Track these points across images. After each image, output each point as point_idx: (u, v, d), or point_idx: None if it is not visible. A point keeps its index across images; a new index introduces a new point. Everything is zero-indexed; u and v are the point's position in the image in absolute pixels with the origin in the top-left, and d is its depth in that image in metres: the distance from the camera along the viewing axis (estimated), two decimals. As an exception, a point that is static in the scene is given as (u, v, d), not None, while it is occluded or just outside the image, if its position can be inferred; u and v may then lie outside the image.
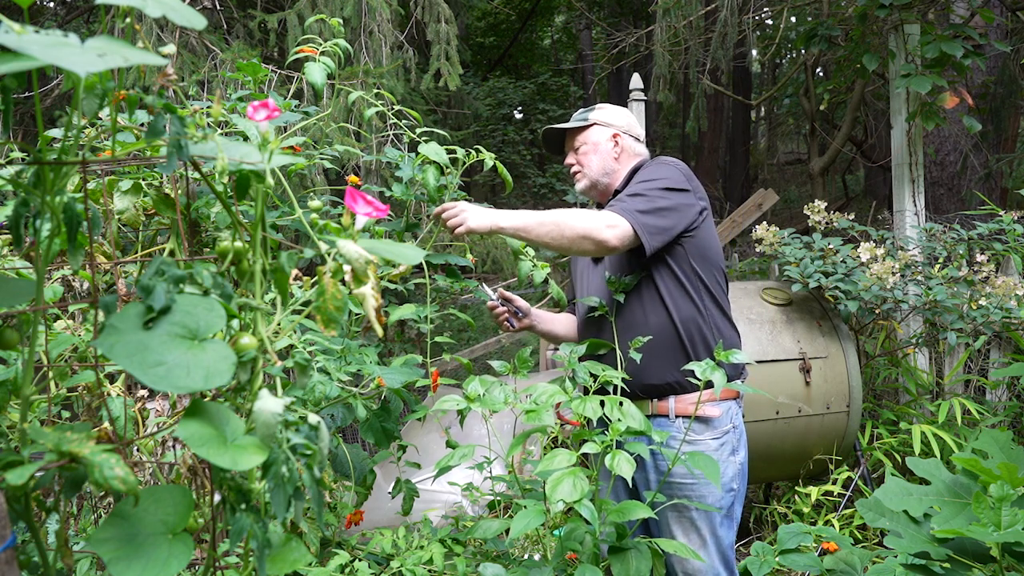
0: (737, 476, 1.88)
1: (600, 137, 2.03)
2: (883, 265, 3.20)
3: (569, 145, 2.08)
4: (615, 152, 2.03)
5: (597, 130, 2.04)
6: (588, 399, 1.52)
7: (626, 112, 2.09)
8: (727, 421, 1.86)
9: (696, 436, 1.83)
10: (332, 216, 1.87)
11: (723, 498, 1.84)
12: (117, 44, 0.57)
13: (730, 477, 1.86)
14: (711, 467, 1.58)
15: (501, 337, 5.55)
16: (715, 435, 1.84)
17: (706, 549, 1.83)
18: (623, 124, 2.06)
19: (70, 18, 7.20)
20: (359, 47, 4.78)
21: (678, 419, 1.84)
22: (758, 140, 15.50)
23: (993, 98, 5.69)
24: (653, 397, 1.86)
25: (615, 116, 2.06)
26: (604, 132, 2.03)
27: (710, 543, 1.83)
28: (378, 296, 0.77)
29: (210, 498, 0.92)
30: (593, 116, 2.06)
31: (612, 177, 2.02)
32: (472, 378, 1.65)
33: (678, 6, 6.55)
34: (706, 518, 1.82)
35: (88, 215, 0.76)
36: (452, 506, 3.28)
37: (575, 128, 2.06)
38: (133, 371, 0.64)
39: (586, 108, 2.11)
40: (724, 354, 1.58)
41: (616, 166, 2.03)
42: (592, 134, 2.03)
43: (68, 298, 1.38)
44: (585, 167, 2.02)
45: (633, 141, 2.06)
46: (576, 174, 2.06)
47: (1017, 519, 1.71)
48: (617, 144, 2.03)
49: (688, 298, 1.85)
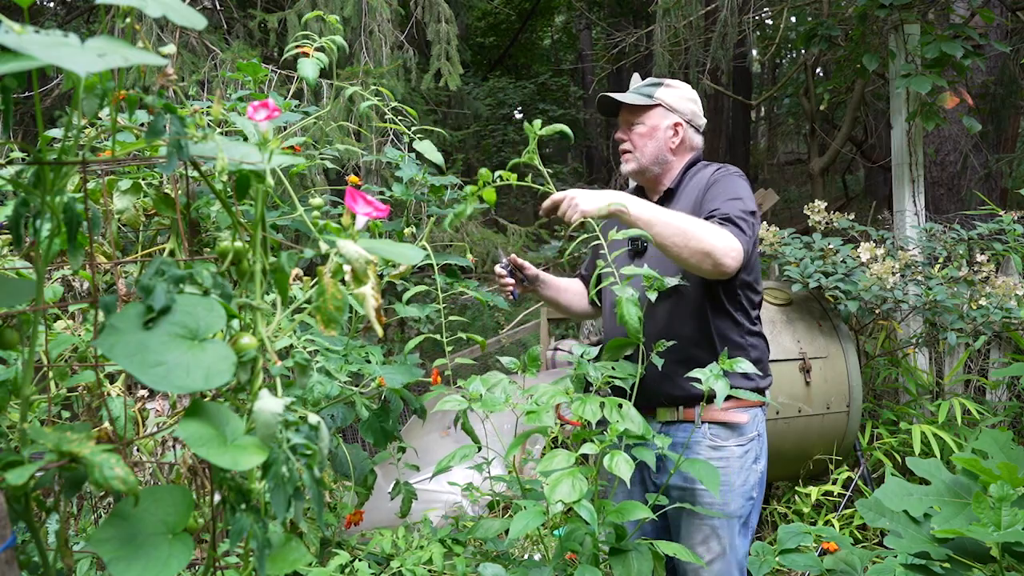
0: (757, 484, 1.83)
1: (661, 122, 1.85)
2: (883, 265, 3.20)
3: (624, 118, 1.87)
4: (673, 142, 1.86)
5: (660, 113, 1.85)
6: (588, 400, 1.50)
7: (694, 96, 1.91)
8: (753, 428, 1.81)
9: (722, 442, 1.78)
10: (332, 216, 1.87)
11: (743, 506, 1.79)
12: (117, 44, 0.57)
13: (751, 485, 1.81)
14: (711, 475, 1.55)
15: (501, 337, 5.55)
16: (740, 442, 1.79)
17: (724, 558, 1.78)
18: (688, 112, 1.88)
19: (70, 18, 7.19)
20: (359, 47, 4.78)
21: (704, 424, 1.78)
22: (758, 140, 15.50)
23: (993, 98, 5.69)
24: (680, 405, 1.80)
25: (682, 101, 1.87)
26: (667, 118, 1.85)
27: (728, 552, 1.78)
28: (378, 296, 0.77)
29: (210, 498, 0.92)
30: (659, 95, 1.85)
31: (664, 168, 1.87)
32: (473, 377, 1.64)
33: (678, 6, 6.54)
34: (727, 526, 1.77)
35: (88, 215, 0.76)
36: (452, 506, 3.28)
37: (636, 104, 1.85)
38: (133, 371, 0.64)
39: (653, 81, 1.89)
40: (728, 363, 1.56)
41: (671, 158, 1.87)
42: (653, 116, 1.84)
43: (68, 298, 1.38)
44: (638, 150, 1.84)
45: (694, 133, 1.90)
46: (625, 154, 1.87)
47: (1017, 519, 1.71)
48: (677, 134, 1.86)
49: (726, 311, 1.78)
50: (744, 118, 12.35)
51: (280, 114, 1.05)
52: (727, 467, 1.77)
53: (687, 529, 1.81)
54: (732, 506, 1.78)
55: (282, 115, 1.58)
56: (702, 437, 1.78)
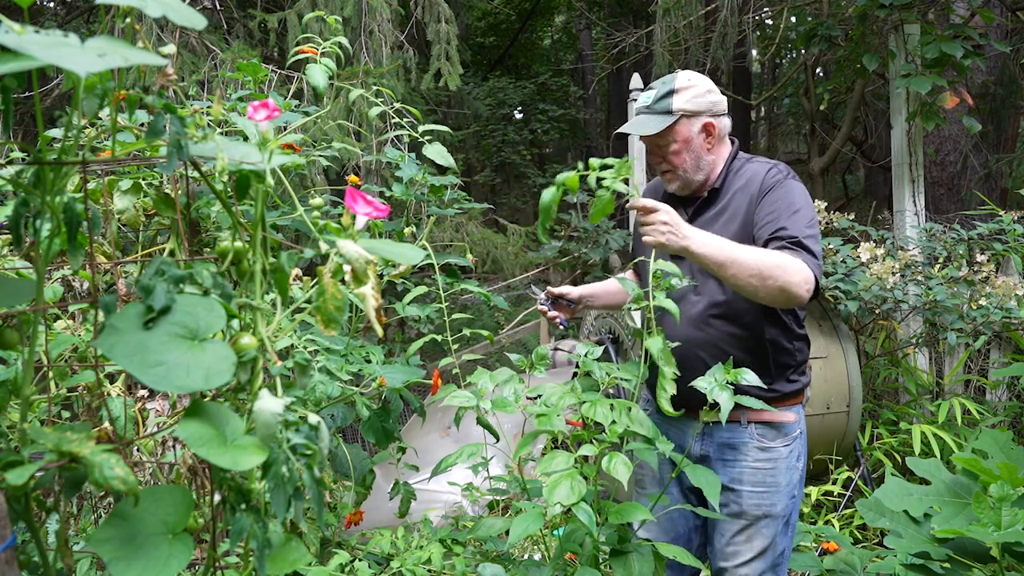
0: (799, 482, 1.81)
1: (690, 131, 1.75)
2: (883, 265, 3.20)
3: (652, 142, 1.79)
4: (708, 143, 1.78)
5: (684, 124, 1.75)
6: (597, 402, 1.49)
7: (708, 85, 1.79)
8: (797, 427, 1.80)
9: (769, 443, 1.76)
10: (332, 216, 1.87)
11: (787, 506, 1.78)
12: (117, 44, 0.57)
13: (795, 484, 1.79)
14: (712, 483, 1.54)
15: (501, 337, 5.55)
16: (786, 442, 1.77)
17: (763, 557, 1.77)
18: (710, 106, 1.77)
19: (70, 18, 7.19)
20: (359, 47, 4.78)
21: (750, 424, 1.76)
22: (758, 140, 15.50)
23: (993, 98, 5.69)
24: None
25: (699, 99, 1.76)
26: (693, 124, 1.76)
27: (768, 551, 1.77)
28: (378, 296, 0.77)
29: (210, 498, 0.92)
30: (676, 105, 1.74)
31: (708, 170, 1.80)
32: (481, 371, 1.62)
33: (678, 6, 6.55)
34: (772, 525, 1.76)
35: (88, 215, 0.76)
36: (452, 506, 3.28)
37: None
38: (133, 371, 0.64)
39: (663, 91, 1.77)
40: (733, 373, 1.55)
41: (711, 157, 1.80)
42: (680, 131, 1.75)
43: (68, 298, 1.38)
44: (678, 167, 1.77)
45: (723, 121, 1.80)
46: (667, 174, 1.81)
47: (1017, 519, 1.71)
48: (711, 134, 1.77)
49: (776, 316, 1.76)
50: (744, 118, 12.34)
51: (280, 114, 1.05)
52: (775, 468, 1.76)
53: (730, 527, 1.78)
54: (778, 507, 1.76)
55: (282, 115, 1.58)
56: (749, 439, 1.76)
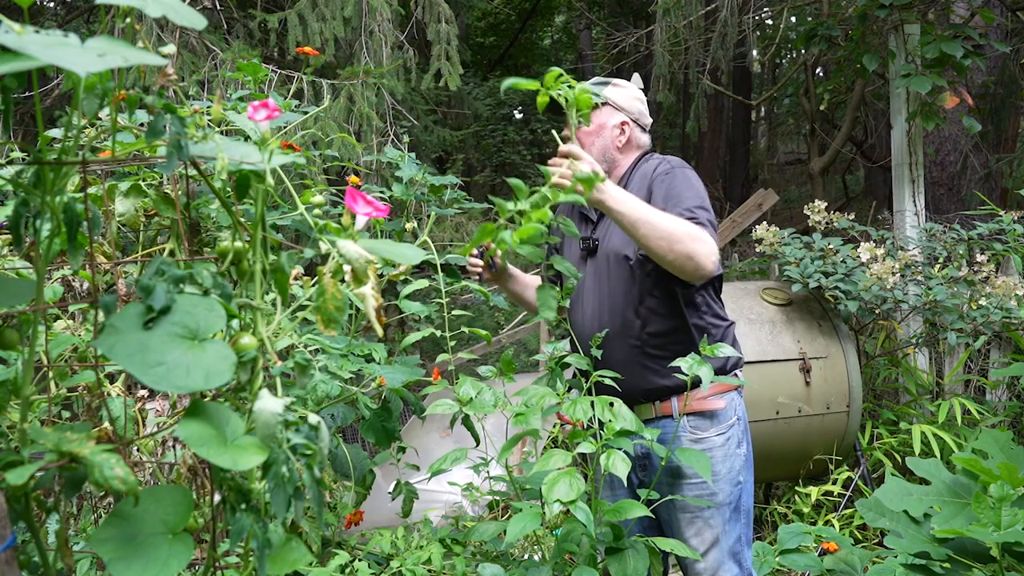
0: (744, 468, 1.85)
1: (608, 120, 1.90)
2: (883, 265, 3.20)
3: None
4: (620, 141, 1.91)
5: (606, 111, 1.89)
6: (579, 400, 1.51)
7: (640, 97, 1.97)
8: (731, 414, 1.84)
9: (702, 433, 1.81)
10: (332, 216, 1.87)
11: (731, 493, 1.82)
12: (117, 44, 0.57)
13: (736, 470, 1.83)
14: (702, 462, 1.58)
15: (501, 337, 5.54)
16: (720, 430, 1.82)
17: (718, 546, 1.80)
18: (635, 111, 1.93)
19: (70, 18, 7.19)
20: (359, 47, 4.78)
21: (684, 417, 1.81)
22: (758, 140, 15.50)
23: (993, 98, 5.69)
24: (655, 400, 1.83)
25: (628, 100, 1.93)
26: (614, 116, 1.90)
27: (721, 539, 1.81)
28: (378, 296, 0.77)
29: (210, 498, 0.92)
30: (607, 93, 1.90)
31: (612, 166, 1.91)
32: (464, 379, 1.65)
33: (678, 6, 6.54)
34: (717, 514, 1.80)
35: (88, 215, 0.76)
36: (452, 506, 3.28)
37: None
38: (133, 371, 0.64)
39: (600, 80, 1.95)
40: (709, 348, 1.58)
41: (618, 156, 1.91)
42: (600, 115, 1.89)
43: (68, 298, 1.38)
44: (585, 148, 1.84)
45: (640, 132, 1.95)
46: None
47: (1017, 519, 1.71)
48: (624, 133, 1.91)
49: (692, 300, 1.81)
50: (744, 118, 12.35)
51: (280, 114, 1.05)
52: (711, 457, 1.79)
53: (678, 523, 1.83)
54: (720, 495, 1.80)
55: (282, 115, 1.58)
56: (682, 431, 1.81)
